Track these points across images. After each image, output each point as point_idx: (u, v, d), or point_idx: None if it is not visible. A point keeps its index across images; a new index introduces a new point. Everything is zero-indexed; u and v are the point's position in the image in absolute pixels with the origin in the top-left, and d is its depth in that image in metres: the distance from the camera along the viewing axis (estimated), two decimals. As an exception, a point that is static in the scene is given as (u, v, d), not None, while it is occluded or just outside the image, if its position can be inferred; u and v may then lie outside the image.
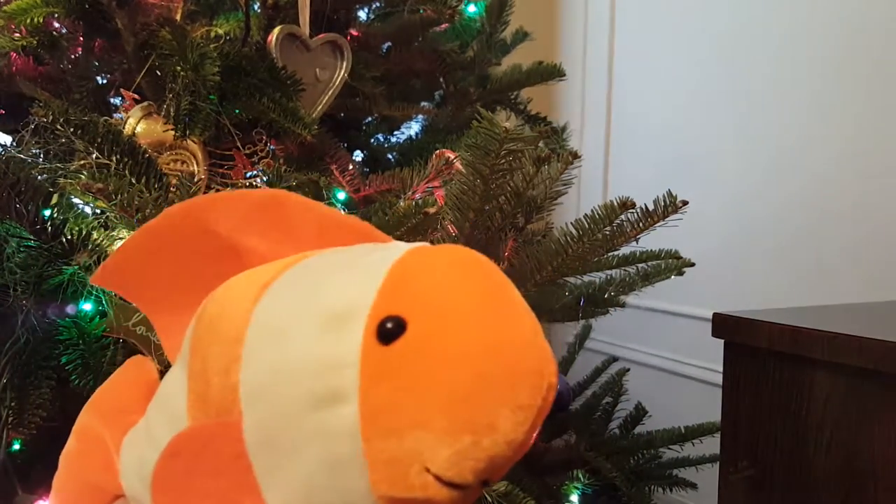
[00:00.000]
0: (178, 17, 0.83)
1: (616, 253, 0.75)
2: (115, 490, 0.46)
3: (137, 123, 0.77)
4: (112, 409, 0.50)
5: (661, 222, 0.65)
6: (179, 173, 0.77)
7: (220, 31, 0.83)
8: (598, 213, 0.65)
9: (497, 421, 0.33)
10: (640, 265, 0.88)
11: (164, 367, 0.64)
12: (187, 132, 0.72)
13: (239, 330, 0.39)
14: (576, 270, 0.70)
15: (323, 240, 0.43)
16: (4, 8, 0.78)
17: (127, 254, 0.45)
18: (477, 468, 0.34)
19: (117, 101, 0.87)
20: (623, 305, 1.01)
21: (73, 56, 0.88)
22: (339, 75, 0.89)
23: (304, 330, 0.37)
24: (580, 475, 1.01)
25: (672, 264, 0.93)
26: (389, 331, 0.35)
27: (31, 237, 0.64)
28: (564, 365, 1.30)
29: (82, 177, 0.62)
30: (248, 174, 0.79)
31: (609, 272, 0.95)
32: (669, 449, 1.13)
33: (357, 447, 0.35)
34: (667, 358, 1.63)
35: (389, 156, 1.14)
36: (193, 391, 0.41)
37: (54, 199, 0.67)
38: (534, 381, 0.34)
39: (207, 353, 0.41)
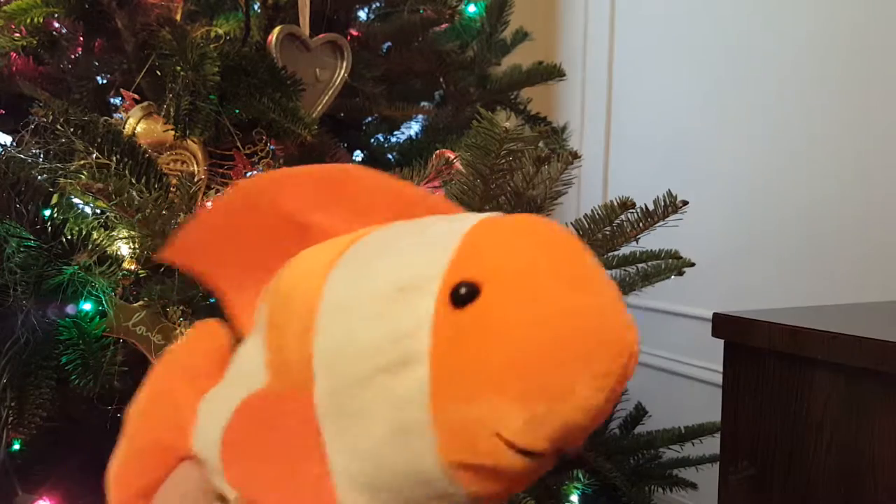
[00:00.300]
0: (178, 17, 0.83)
1: (616, 253, 0.75)
2: (184, 451, 0.46)
3: (137, 123, 0.77)
4: (187, 372, 0.50)
5: (661, 222, 0.65)
6: (179, 173, 0.77)
7: (220, 31, 0.83)
8: (598, 214, 0.65)
9: (574, 387, 0.32)
10: (639, 265, 0.88)
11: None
12: (187, 132, 0.72)
13: (312, 303, 0.39)
14: (576, 270, 0.70)
15: (396, 216, 0.43)
16: (4, 8, 0.78)
17: (199, 229, 0.45)
18: (552, 436, 0.33)
19: (117, 101, 0.87)
20: (623, 305, 1.01)
21: (73, 56, 0.88)
22: (339, 75, 0.89)
23: (370, 304, 0.37)
24: (580, 475, 1.01)
25: (672, 264, 0.93)
26: (463, 295, 0.34)
27: (31, 237, 0.64)
28: (564, 365, 1.30)
29: (82, 177, 0.62)
30: (248, 174, 0.79)
31: (609, 272, 0.95)
32: (669, 449, 1.13)
33: (426, 412, 0.34)
34: (667, 358, 1.63)
35: (389, 156, 1.14)
36: (272, 366, 0.42)
37: (54, 199, 0.67)
38: (614, 347, 0.33)
39: (285, 329, 0.41)
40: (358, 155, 1.14)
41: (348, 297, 0.38)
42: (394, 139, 1.18)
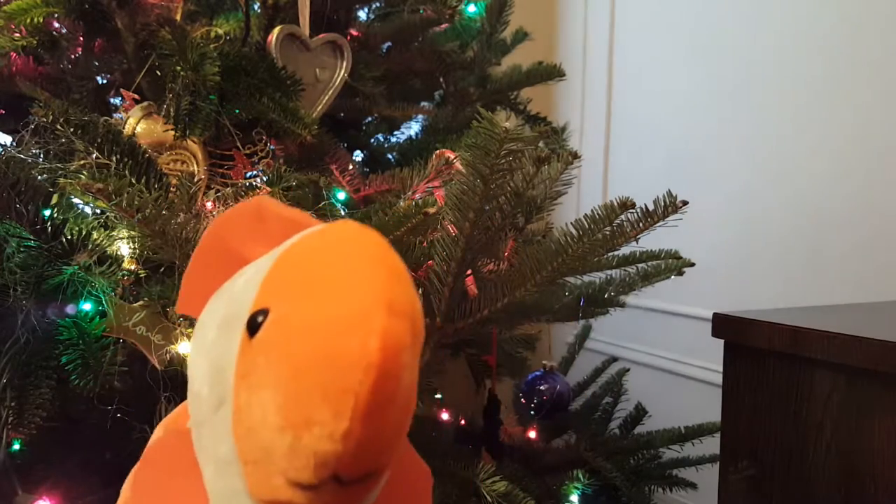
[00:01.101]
0: (178, 17, 0.83)
1: (616, 253, 0.75)
2: None
3: (137, 123, 0.77)
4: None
5: (661, 222, 0.65)
6: (179, 173, 0.77)
7: (220, 31, 0.83)
8: (597, 213, 0.65)
9: (314, 414, 0.30)
10: (639, 265, 0.88)
11: (164, 367, 0.64)
12: (187, 132, 0.72)
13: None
14: (576, 270, 0.70)
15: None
16: (4, 8, 0.78)
17: (188, 280, 0.47)
18: (310, 465, 0.30)
19: (117, 101, 0.87)
20: (623, 305, 1.01)
21: (73, 56, 0.88)
22: (339, 75, 0.89)
23: (205, 335, 0.38)
24: (580, 475, 1.01)
25: (672, 264, 0.93)
26: (256, 324, 0.33)
27: (31, 237, 0.64)
28: (565, 365, 1.30)
29: (82, 177, 0.62)
30: (248, 174, 0.79)
31: (609, 272, 0.95)
32: (669, 449, 1.13)
33: (233, 448, 0.33)
34: (667, 358, 1.63)
35: (389, 156, 1.14)
36: None
37: (54, 199, 0.67)
38: (343, 363, 0.29)
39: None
40: (358, 155, 1.14)
41: (197, 331, 0.40)
42: (394, 139, 1.18)
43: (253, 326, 0.33)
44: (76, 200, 0.71)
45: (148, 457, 0.42)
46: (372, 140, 1.17)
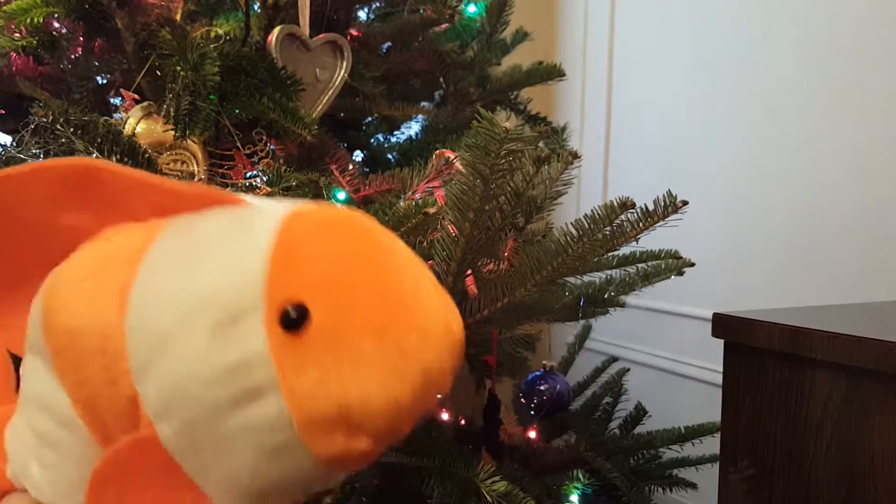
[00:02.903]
0: (178, 17, 0.83)
1: (616, 253, 0.75)
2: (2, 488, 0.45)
3: (137, 123, 0.77)
4: None
5: (661, 222, 0.65)
6: (179, 173, 0.77)
7: (220, 31, 0.83)
8: (597, 214, 0.65)
9: (417, 382, 0.35)
10: (639, 265, 0.88)
11: None
12: (187, 132, 0.72)
13: (115, 346, 0.38)
14: (576, 270, 0.70)
15: (160, 209, 0.42)
16: (4, 8, 0.78)
17: None
18: (403, 420, 0.36)
19: (117, 101, 0.87)
20: (623, 305, 1.01)
21: (73, 56, 0.88)
22: (339, 75, 0.89)
23: (193, 336, 0.36)
24: (580, 475, 1.01)
25: (672, 264, 0.93)
26: (294, 320, 0.35)
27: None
28: (565, 365, 1.30)
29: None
30: (248, 174, 0.79)
31: (609, 272, 0.95)
32: (669, 449, 1.13)
33: (293, 432, 0.35)
34: (667, 358, 1.63)
35: (389, 156, 1.14)
36: (76, 397, 0.41)
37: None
38: (447, 341, 0.36)
39: (82, 368, 0.40)
40: (358, 155, 1.14)
41: (162, 335, 0.37)
42: (394, 139, 1.18)
43: (292, 321, 0.35)
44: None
45: (106, 476, 0.39)
46: (372, 140, 1.17)
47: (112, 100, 0.89)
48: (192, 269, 0.38)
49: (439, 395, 0.37)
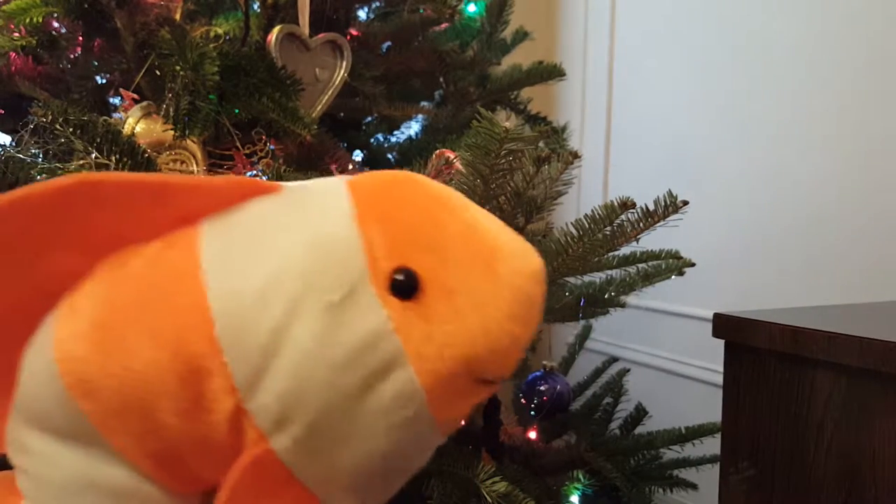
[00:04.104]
0: (177, 17, 0.82)
1: (616, 253, 0.75)
2: None
3: (137, 123, 0.77)
4: None
5: (662, 222, 0.65)
6: (179, 173, 0.76)
7: (220, 31, 0.83)
8: (598, 214, 0.65)
9: (525, 288, 0.36)
10: (640, 265, 0.88)
11: None
12: (187, 132, 0.72)
13: (203, 367, 0.34)
14: (576, 270, 0.70)
15: (185, 215, 0.37)
16: (4, 7, 0.78)
17: None
18: (513, 366, 0.38)
19: (116, 100, 0.87)
20: (623, 306, 1.01)
21: (72, 56, 0.88)
22: (338, 75, 0.89)
23: (307, 322, 0.33)
24: (580, 476, 1.01)
25: (672, 264, 0.93)
26: (405, 284, 0.35)
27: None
28: (565, 365, 1.30)
29: (81, 177, 0.62)
30: (248, 174, 0.79)
31: (609, 272, 0.95)
32: (670, 449, 1.12)
33: (422, 400, 0.35)
34: (667, 358, 1.62)
35: (389, 156, 1.14)
36: (143, 454, 0.36)
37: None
38: (528, 255, 0.37)
39: (152, 415, 0.34)
40: (358, 155, 1.14)
41: (273, 321, 0.33)
42: (394, 139, 1.18)
43: (405, 287, 0.35)
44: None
45: (238, 491, 0.35)
46: (372, 140, 1.17)
47: (111, 99, 0.89)
48: (271, 254, 0.35)
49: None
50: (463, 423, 1.11)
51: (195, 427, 0.35)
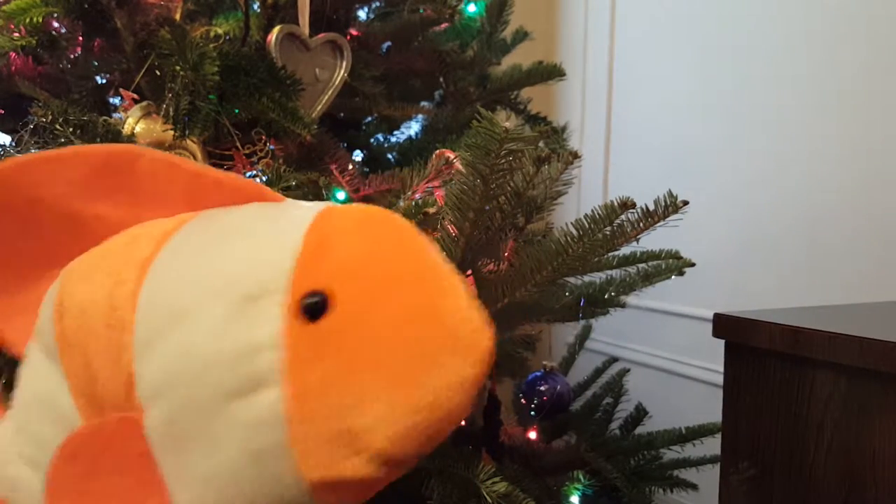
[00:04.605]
0: (177, 17, 0.82)
1: (616, 253, 0.75)
2: None
3: (136, 123, 0.77)
4: None
5: (662, 222, 0.65)
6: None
7: (220, 31, 0.83)
8: (598, 213, 0.64)
9: (442, 397, 0.32)
10: (640, 265, 0.88)
11: None
12: (186, 132, 0.72)
13: (123, 316, 0.36)
14: (576, 270, 0.70)
15: (195, 201, 0.39)
16: (3, 7, 0.78)
17: None
18: (420, 445, 0.32)
19: (116, 100, 0.87)
20: (623, 306, 1.01)
21: (72, 56, 0.88)
22: (338, 75, 0.89)
23: (210, 313, 0.34)
24: (580, 476, 1.01)
25: (673, 264, 0.93)
26: (314, 307, 0.33)
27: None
28: (565, 365, 1.30)
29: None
30: (248, 174, 0.79)
31: (609, 272, 0.95)
32: (670, 450, 1.12)
33: (283, 435, 0.32)
34: (667, 358, 1.62)
35: (389, 156, 1.14)
36: (77, 388, 0.38)
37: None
38: (475, 350, 0.32)
39: (87, 346, 0.37)
40: (358, 154, 1.13)
41: (177, 310, 0.34)
42: (394, 139, 1.18)
43: (312, 309, 0.33)
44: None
45: (75, 449, 0.35)
46: (372, 140, 1.17)
47: (111, 99, 0.89)
48: (222, 250, 0.36)
49: (462, 416, 0.33)
50: (463, 423, 1.11)
51: (110, 372, 0.36)
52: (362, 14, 1.09)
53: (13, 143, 0.77)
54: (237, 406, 0.33)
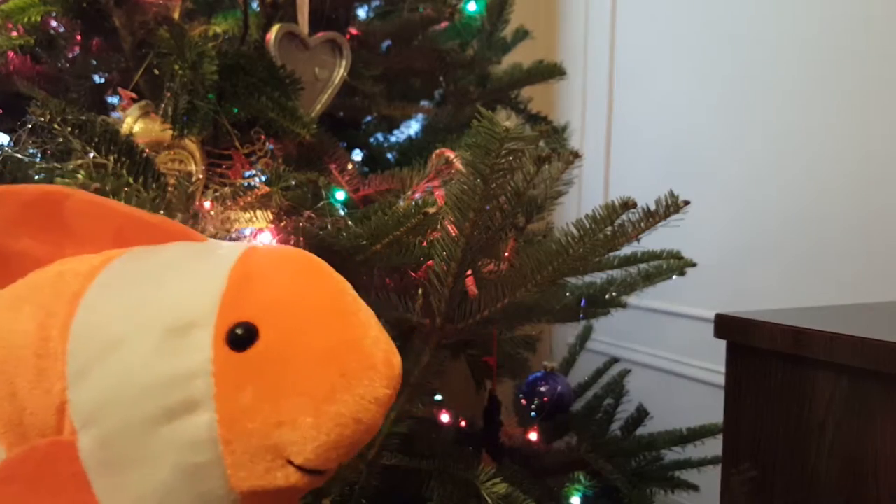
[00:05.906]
0: (176, 16, 0.82)
1: (617, 253, 0.75)
2: None
3: (135, 122, 0.77)
4: None
5: (663, 222, 0.65)
6: (177, 172, 0.76)
7: (219, 30, 0.82)
8: (599, 213, 0.64)
9: (360, 413, 0.36)
10: (641, 265, 0.88)
11: None
12: (185, 131, 0.72)
13: (56, 347, 0.38)
14: (577, 271, 0.70)
15: (123, 240, 0.42)
16: (2, 7, 0.78)
17: None
18: (341, 455, 0.37)
19: (115, 100, 0.87)
20: (624, 306, 1.01)
21: (70, 55, 0.88)
22: (338, 74, 0.89)
23: (143, 343, 0.37)
24: (581, 477, 1.00)
25: (674, 264, 0.92)
26: (241, 337, 0.36)
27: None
28: (565, 366, 1.30)
29: (79, 176, 0.62)
30: (247, 174, 0.79)
31: (610, 272, 0.95)
32: (671, 450, 1.12)
33: (216, 452, 0.36)
34: (668, 359, 1.62)
35: (389, 155, 1.13)
36: (2, 416, 0.39)
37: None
38: (387, 372, 0.37)
39: (14, 375, 0.39)
40: (357, 154, 1.13)
41: (110, 341, 0.37)
42: (393, 138, 1.18)
43: (239, 340, 0.36)
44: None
45: (11, 473, 0.38)
46: (371, 139, 1.17)
47: (110, 99, 0.89)
48: (153, 285, 0.39)
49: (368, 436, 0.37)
50: (463, 423, 1.11)
51: (38, 402, 0.38)
52: (362, 13, 1.08)
53: (11, 143, 0.77)
54: (172, 428, 0.36)
